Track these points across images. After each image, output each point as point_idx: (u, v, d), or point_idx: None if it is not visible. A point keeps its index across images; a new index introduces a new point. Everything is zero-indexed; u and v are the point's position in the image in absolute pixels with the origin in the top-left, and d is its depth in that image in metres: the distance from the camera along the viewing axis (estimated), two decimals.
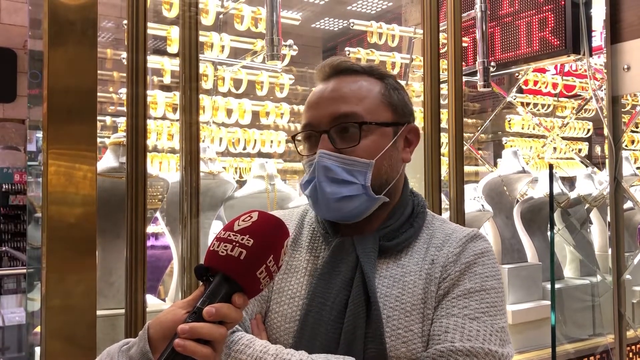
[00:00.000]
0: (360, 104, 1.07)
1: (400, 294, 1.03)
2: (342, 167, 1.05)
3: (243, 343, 0.98)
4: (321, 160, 1.05)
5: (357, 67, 1.12)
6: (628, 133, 4.89)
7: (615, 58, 2.99)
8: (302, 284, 1.09)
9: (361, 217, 1.08)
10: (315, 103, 1.09)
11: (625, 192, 3.11)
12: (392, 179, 1.09)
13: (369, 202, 1.07)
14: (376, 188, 1.07)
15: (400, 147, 1.12)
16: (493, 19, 3.61)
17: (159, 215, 2.65)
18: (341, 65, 1.12)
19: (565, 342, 3.26)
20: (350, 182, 1.05)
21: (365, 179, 1.05)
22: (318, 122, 1.08)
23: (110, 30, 4.93)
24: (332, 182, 1.05)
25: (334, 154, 1.05)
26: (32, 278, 2.78)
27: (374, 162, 1.06)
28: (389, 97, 1.11)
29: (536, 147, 4.56)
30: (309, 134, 1.10)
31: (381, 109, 1.09)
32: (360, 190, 1.05)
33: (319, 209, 1.09)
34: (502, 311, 1.02)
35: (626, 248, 3.13)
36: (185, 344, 0.77)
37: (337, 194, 1.05)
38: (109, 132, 3.29)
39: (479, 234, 1.10)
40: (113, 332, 2.06)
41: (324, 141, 1.06)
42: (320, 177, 1.05)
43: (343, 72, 1.11)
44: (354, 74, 1.11)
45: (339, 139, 1.06)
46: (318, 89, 1.12)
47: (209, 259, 0.85)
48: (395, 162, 1.10)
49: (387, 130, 1.09)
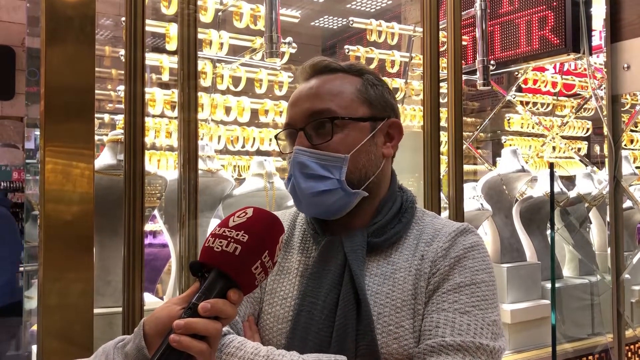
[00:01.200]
0: (335, 99, 1.09)
1: (391, 290, 1.03)
2: (317, 163, 1.06)
3: (234, 345, 0.98)
4: (297, 157, 1.07)
5: (334, 65, 1.14)
6: (627, 132, 4.88)
7: (615, 57, 2.99)
8: (293, 285, 1.09)
9: (342, 212, 1.09)
10: (294, 102, 1.12)
11: (624, 192, 3.10)
12: (372, 173, 1.10)
13: (347, 197, 1.07)
14: (354, 182, 1.08)
15: (380, 142, 1.13)
16: (493, 18, 3.60)
17: (157, 213, 2.64)
18: (320, 64, 1.14)
19: (564, 342, 3.26)
20: (326, 177, 1.06)
21: (340, 174, 1.06)
22: (295, 120, 1.11)
23: (108, 28, 4.91)
24: (308, 178, 1.06)
25: (308, 149, 1.07)
26: (29, 276, 2.77)
27: (348, 157, 1.07)
28: (366, 92, 1.12)
29: (535, 146, 4.56)
30: (290, 132, 1.12)
31: (356, 104, 1.10)
32: (336, 185, 1.06)
33: (300, 205, 1.11)
34: (494, 304, 1.02)
35: (625, 247, 3.12)
36: (180, 339, 0.78)
37: (313, 188, 1.06)
38: (107, 130, 3.28)
39: (468, 228, 1.10)
40: (110, 331, 2.05)
41: (300, 138, 1.08)
42: (297, 173, 1.07)
43: (322, 71, 1.14)
44: (332, 72, 1.13)
45: (315, 135, 1.08)
46: (298, 88, 1.15)
47: (204, 255, 0.85)
48: (375, 157, 1.11)
49: (364, 125, 1.10)
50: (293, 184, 1.09)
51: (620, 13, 2.98)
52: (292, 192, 1.10)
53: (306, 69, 1.15)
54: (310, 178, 1.06)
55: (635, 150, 5.24)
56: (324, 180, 1.06)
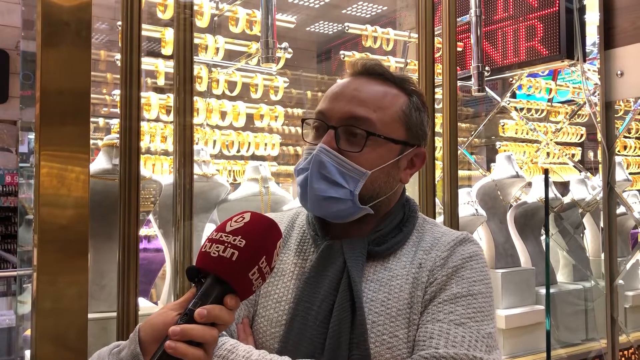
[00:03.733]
0: (378, 112, 1.05)
1: (386, 298, 1.01)
2: (337, 168, 1.03)
3: (226, 348, 0.97)
4: (319, 155, 1.04)
5: (387, 75, 1.10)
6: (621, 138, 4.91)
7: (608, 64, 3.00)
8: (289, 288, 1.08)
9: (345, 220, 1.07)
10: (335, 95, 1.08)
11: (618, 198, 3.11)
12: (384, 194, 1.08)
13: (354, 210, 1.06)
14: (365, 198, 1.06)
15: (403, 166, 1.10)
16: (488, 24, 3.62)
17: (152, 218, 2.63)
18: (374, 67, 1.10)
19: (559, 347, 3.27)
20: (341, 185, 1.03)
21: (356, 187, 1.04)
22: (330, 115, 1.06)
23: (104, 32, 4.91)
24: (323, 180, 1.04)
25: (333, 152, 1.04)
26: (22, 280, 2.75)
27: (369, 173, 1.04)
28: (409, 115, 1.09)
29: (530, 152, 4.57)
30: (319, 123, 1.08)
31: (396, 125, 1.07)
32: (348, 196, 1.04)
33: (305, 201, 1.08)
34: (490, 316, 1.00)
35: (619, 253, 3.13)
36: (176, 346, 0.77)
37: (324, 192, 1.04)
38: (102, 134, 3.27)
39: (468, 238, 1.08)
40: (105, 336, 2.04)
41: (329, 136, 1.04)
42: (314, 170, 1.04)
43: (374, 75, 1.09)
44: (384, 80, 1.09)
45: (345, 139, 1.05)
46: (343, 81, 1.10)
47: (201, 260, 0.84)
48: (393, 179, 1.09)
49: (394, 147, 1.07)
50: (307, 178, 1.05)
51: (613, 20, 3.00)
52: (302, 186, 1.06)
53: (357, 65, 1.10)
54: (325, 180, 1.04)
55: (629, 157, 5.27)
56: (337, 188, 1.03)
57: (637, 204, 4.11)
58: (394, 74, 1.11)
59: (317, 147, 1.04)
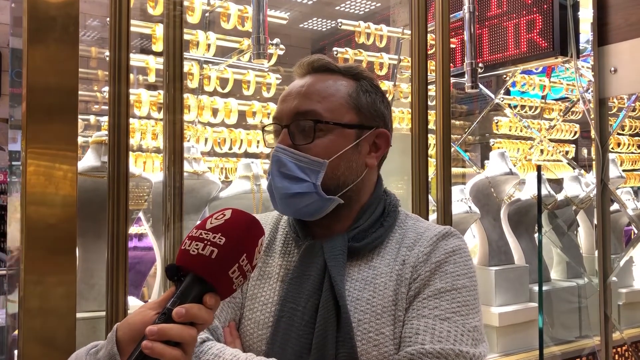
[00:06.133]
0: (322, 102, 1.06)
1: (371, 296, 1.01)
2: (295, 163, 1.04)
3: (213, 353, 0.96)
4: (276, 154, 1.05)
5: (331, 66, 1.11)
6: (614, 136, 4.91)
7: (602, 60, 3.00)
8: (274, 290, 1.07)
9: (317, 215, 1.07)
10: (284, 97, 1.10)
11: (611, 195, 3.11)
12: (351, 181, 1.07)
13: (321, 202, 1.05)
14: (330, 188, 1.05)
15: (365, 151, 1.10)
16: (481, 21, 3.61)
17: (143, 216, 2.61)
18: (317, 62, 1.11)
19: (552, 344, 3.27)
20: (301, 179, 1.04)
21: (316, 178, 1.04)
22: (282, 116, 1.09)
23: (95, 29, 4.88)
24: (284, 178, 1.04)
25: (288, 149, 1.05)
26: (12, 279, 2.73)
27: (327, 162, 1.04)
28: (357, 98, 1.09)
29: (523, 149, 4.57)
30: (276, 127, 1.11)
31: (344, 110, 1.08)
32: (311, 189, 1.03)
33: (274, 204, 1.09)
34: (475, 310, 1.00)
35: (612, 250, 3.13)
36: (153, 346, 0.75)
37: (288, 189, 1.04)
38: (92, 131, 3.24)
39: (451, 232, 1.08)
40: (94, 336, 2.02)
41: (284, 135, 1.06)
42: (274, 170, 1.06)
43: (318, 70, 1.11)
44: (329, 72, 1.11)
45: (298, 135, 1.06)
46: (291, 84, 1.12)
47: (180, 258, 0.83)
48: (357, 165, 1.08)
49: (349, 132, 1.07)
50: (270, 182, 1.07)
51: (607, 17, 2.99)
52: (269, 189, 1.09)
53: (303, 65, 1.12)
54: (286, 178, 1.04)
55: (623, 154, 5.27)
56: (299, 182, 1.04)
57: (630, 201, 4.12)
58: (340, 65, 1.12)
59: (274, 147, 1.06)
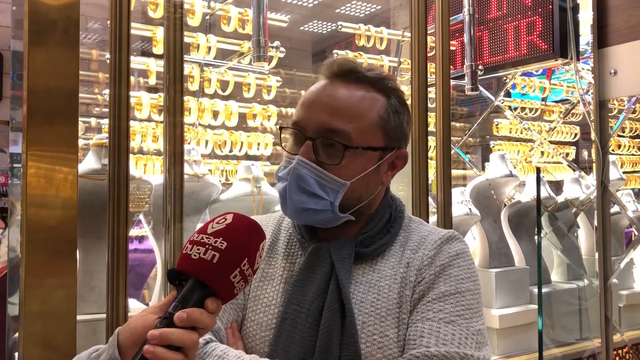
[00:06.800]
0: (354, 122, 1.03)
1: (376, 299, 1.01)
2: (316, 180, 1.02)
3: (217, 354, 0.96)
4: (297, 168, 1.02)
5: (362, 76, 1.06)
6: (615, 137, 4.91)
7: (602, 62, 3.00)
8: (278, 292, 1.07)
9: (327, 226, 1.07)
10: (310, 103, 1.05)
11: (612, 197, 3.11)
12: (364, 199, 1.07)
13: (334, 218, 1.05)
14: (345, 207, 1.05)
15: (383, 170, 1.09)
16: (481, 23, 3.61)
17: (143, 218, 2.61)
18: (346, 66, 1.07)
19: (553, 346, 3.26)
20: (320, 197, 1.02)
21: (335, 198, 1.03)
22: (306, 125, 1.04)
23: (96, 31, 4.88)
24: (302, 192, 1.02)
25: (312, 165, 1.02)
26: (13, 281, 2.73)
27: (348, 184, 1.03)
28: (387, 120, 1.06)
29: (524, 151, 4.57)
30: (298, 134, 1.06)
31: (374, 132, 1.05)
32: (327, 207, 1.03)
33: (285, 210, 1.07)
34: (479, 313, 1.01)
35: (613, 252, 3.13)
36: (155, 351, 0.75)
37: (304, 204, 1.02)
38: (93, 134, 3.25)
39: (455, 236, 1.08)
40: (94, 338, 2.02)
41: (307, 148, 1.03)
42: (292, 182, 1.03)
43: (347, 76, 1.06)
44: (359, 82, 1.06)
45: (323, 151, 1.03)
46: (317, 86, 1.07)
47: (182, 262, 0.83)
48: (373, 184, 1.08)
49: (373, 154, 1.06)
50: (285, 189, 1.04)
51: (607, 19, 3.00)
52: (282, 195, 1.06)
53: (333, 67, 1.07)
54: (304, 193, 1.02)
55: (623, 155, 5.27)
56: (316, 199, 1.02)
57: (630, 203, 4.11)
58: (370, 74, 1.08)
59: (295, 158, 1.03)
